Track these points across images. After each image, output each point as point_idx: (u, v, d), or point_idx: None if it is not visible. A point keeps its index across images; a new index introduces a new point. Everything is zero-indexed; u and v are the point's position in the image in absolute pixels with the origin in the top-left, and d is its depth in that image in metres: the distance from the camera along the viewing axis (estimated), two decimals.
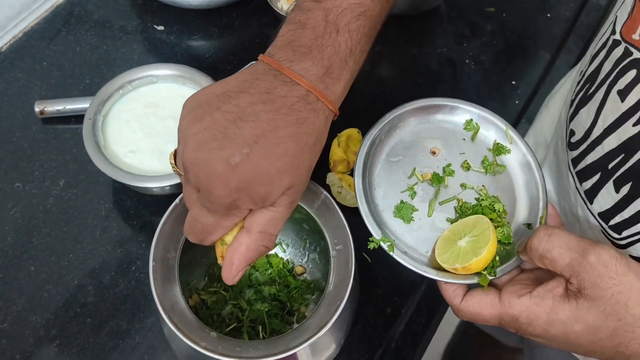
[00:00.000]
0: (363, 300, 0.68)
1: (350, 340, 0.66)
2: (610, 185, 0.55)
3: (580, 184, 0.59)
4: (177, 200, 0.57)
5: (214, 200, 0.45)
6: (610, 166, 0.55)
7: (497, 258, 0.52)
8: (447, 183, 0.57)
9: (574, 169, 0.60)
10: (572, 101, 0.63)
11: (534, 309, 0.47)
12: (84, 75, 0.85)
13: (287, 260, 0.70)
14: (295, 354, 0.55)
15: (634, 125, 0.51)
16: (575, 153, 0.60)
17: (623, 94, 0.53)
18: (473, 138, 0.60)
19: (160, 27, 0.90)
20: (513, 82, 0.89)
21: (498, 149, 0.60)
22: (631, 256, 0.55)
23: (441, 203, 0.56)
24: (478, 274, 0.52)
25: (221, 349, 0.51)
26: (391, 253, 0.53)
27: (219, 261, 0.51)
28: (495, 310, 0.49)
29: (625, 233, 0.55)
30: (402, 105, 0.60)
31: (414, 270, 0.52)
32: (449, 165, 0.58)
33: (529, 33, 0.94)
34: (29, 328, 0.67)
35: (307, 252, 0.70)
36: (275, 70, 0.47)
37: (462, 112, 0.61)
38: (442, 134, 0.60)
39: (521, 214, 0.57)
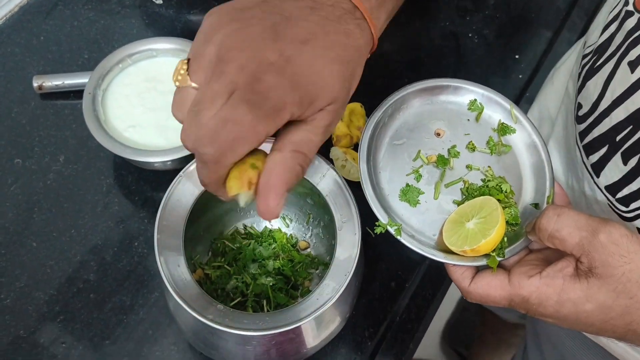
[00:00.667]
0: (368, 275, 0.68)
1: (355, 314, 0.66)
2: (617, 157, 0.54)
3: (587, 157, 0.59)
4: (181, 172, 0.56)
5: (263, 90, 0.40)
6: (618, 138, 0.54)
7: (506, 239, 0.52)
8: (452, 165, 0.57)
9: (581, 142, 0.60)
10: (579, 74, 0.62)
11: (544, 290, 0.46)
12: (82, 50, 0.83)
13: (291, 235, 0.70)
14: (300, 327, 0.55)
15: None
16: (583, 126, 0.59)
17: (634, 65, 0.52)
18: (477, 118, 0.60)
19: (159, 1, 0.88)
20: (516, 56, 0.88)
21: (503, 129, 0.59)
22: (638, 229, 0.55)
23: (447, 185, 0.56)
24: (486, 255, 0.51)
25: (228, 321, 0.51)
26: (398, 237, 0.52)
27: (245, 191, 0.42)
28: (505, 291, 0.48)
29: (633, 205, 0.55)
30: (405, 87, 0.59)
31: (422, 253, 0.52)
32: (454, 146, 0.58)
33: (532, 6, 0.92)
34: (33, 304, 0.66)
35: (310, 227, 0.69)
36: None
37: (466, 92, 0.60)
38: (446, 115, 0.59)
39: (528, 194, 0.57)
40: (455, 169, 0.57)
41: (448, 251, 0.52)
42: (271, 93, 0.40)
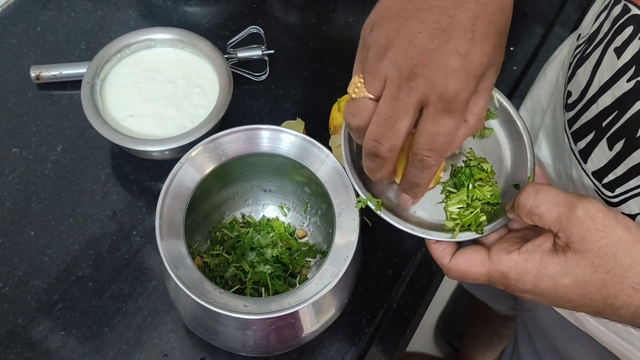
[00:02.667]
0: (365, 262, 0.69)
1: (352, 301, 0.67)
2: (603, 143, 0.55)
3: (575, 144, 0.60)
4: (182, 159, 0.56)
5: (456, 98, 0.43)
6: (604, 124, 0.55)
7: (484, 217, 0.53)
8: None
9: (570, 129, 0.61)
10: (570, 64, 0.63)
11: (522, 265, 0.47)
12: (80, 40, 0.83)
13: (289, 224, 0.70)
14: (299, 312, 0.55)
15: (628, 81, 0.52)
16: (571, 114, 0.60)
17: (619, 51, 0.53)
18: None
19: None
20: (511, 48, 0.89)
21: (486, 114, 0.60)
22: (623, 214, 0.56)
23: None
24: (467, 230, 0.53)
25: (228, 304, 0.51)
26: (378, 212, 0.53)
27: None
28: (484, 267, 0.49)
29: (618, 190, 0.55)
30: None
31: (401, 228, 0.53)
32: None
33: None
34: (31, 292, 0.66)
35: (308, 216, 0.70)
36: None
37: None
38: None
39: (509, 175, 0.58)
40: None
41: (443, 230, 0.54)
42: (465, 94, 0.44)
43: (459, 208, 0.55)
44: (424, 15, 0.44)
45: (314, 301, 0.53)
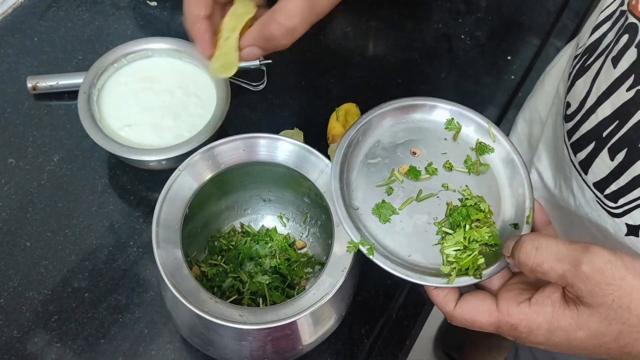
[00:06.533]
0: (363, 272, 0.68)
1: (351, 312, 0.66)
2: (604, 153, 0.55)
3: (575, 155, 0.59)
4: (181, 166, 0.56)
5: None
6: (604, 134, 0.54)
7: (483, 260, 0.51)
8: (429, 176, 0.56)
9: (569, 140, 0.60)
10: (570, 74, 0.63)
11: (533, 318, 0.45)
12: (76, 51, 0.83)
13: (288, 234, 0.69)
14: (296, 323, 0.55)
15: (628, 90, 0.51)
16: (570, 124, 0.60)
17: (616, 60, 0.53)
18: (455, 137, 0.59)
19: (153, 3, 0.88)
20: (509, 57, 0.89)
21: (481, 149, 0.58)
22: (627, 225, 0.55)
23: (419, 200, 0.55)
24: (465, 275, 0.51)
25: (224, 314, 0.50)
26: (371, 257, 0.51)
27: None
28: (492, 318, 0.47)
29: (621, 201, 0.55)
30: (379, 106, 0.58)
31: (396, 274, 0.50)
32: (430, 164, 0.57)
33: (524, 9, 0.94)
34: (26, 304, 0.66)
35: (307, 227, 0.69)
36: None
37: (442, 111, 0.59)
38: (422, 133, 0.59)
39: (507, 213, 0.56)
40: (432, 188, 0.56)
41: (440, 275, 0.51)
42: None
43: (455, 250, 0.52)
44: None
45: (311, 312, 0.52)
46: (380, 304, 0.68)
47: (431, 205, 0.55)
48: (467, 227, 0.53)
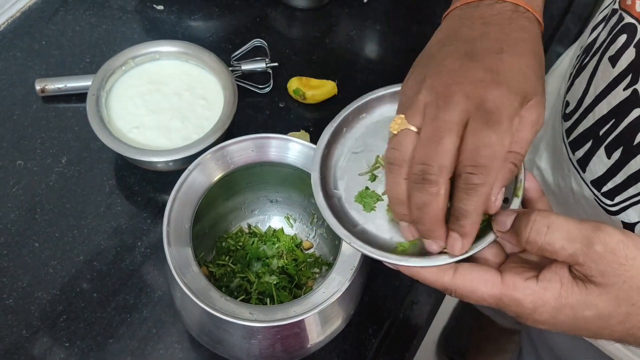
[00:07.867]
0: (371, 273, 0.69)
1: (358, 312, 0.66)
2: (601, 151, 0.55)
3: (573, 153, 0.60)
4: (191, 166, 0.57)
5: (495, 109, 0.43)
6: (601, 133, 0.55)
7: None
8: None
9: (567, 139, 0.61)
10: (570, 74, 0.63)
11: (540, 294, 0.43)
12: (84, 54, 0.84)
13: (295, 235, 0.70)
14: (305, 322, 0.55)
15: (625, 89, 0.52)
16: (569, 123, 0.60)
17: (614, 60, 0.54)
18: None
19: (160, 7, 0.89)
20: None
21: None
22: (623, 222, 0.56)
23: None
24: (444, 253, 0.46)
25: (234, 312, 0.51)
26: (351, 243, 0.48)
27: None
28: (495, 289, 0.44)
29: (617, 199, 0.55)
30: (366, 94, 0.55)
31: (373, 256, 0.47)
32: None
33: None
34: (35, 304, 0.66)
35: (314, 228, 0.70)
36: (475, 3, 0.48)
37: None
38: None
39: None
40: None
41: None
42: (501, 105, 0.43)
43: None
44: (449, 49, 0.46)
45: (320, 310, 0.53)
46: (388, 304, 0.69)
47: None
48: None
